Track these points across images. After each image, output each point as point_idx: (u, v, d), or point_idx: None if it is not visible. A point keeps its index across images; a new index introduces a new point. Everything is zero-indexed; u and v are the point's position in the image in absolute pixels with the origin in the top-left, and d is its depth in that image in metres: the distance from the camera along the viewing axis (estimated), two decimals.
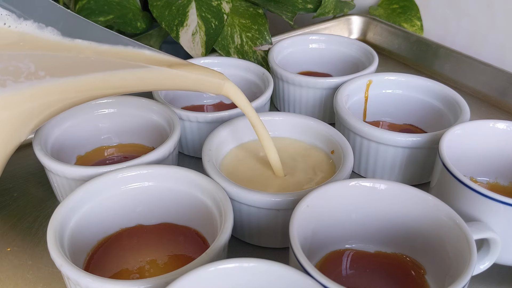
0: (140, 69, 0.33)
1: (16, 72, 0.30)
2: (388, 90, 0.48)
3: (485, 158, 0.39)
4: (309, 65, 0.56)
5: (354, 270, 0.33)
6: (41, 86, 0.31)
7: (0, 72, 0.30)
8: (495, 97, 0.54)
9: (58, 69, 0.31)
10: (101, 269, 0.33)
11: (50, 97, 0.32)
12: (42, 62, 0.31)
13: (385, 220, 0.33)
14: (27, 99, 0.31)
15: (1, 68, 0.30)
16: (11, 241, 0.38)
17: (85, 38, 0.32)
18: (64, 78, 0.31)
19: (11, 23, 0.30)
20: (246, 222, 0.36)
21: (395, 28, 0.65)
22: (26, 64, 0.30)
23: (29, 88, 0.31)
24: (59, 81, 0.31)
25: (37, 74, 0.30)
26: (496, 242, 0.32)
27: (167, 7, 0.54)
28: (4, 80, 0.30)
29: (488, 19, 0.61)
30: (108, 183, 0.34)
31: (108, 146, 0.44)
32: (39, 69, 0.30)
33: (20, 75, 0.30)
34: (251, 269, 0.26)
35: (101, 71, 0.32)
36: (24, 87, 0.31)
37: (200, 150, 0.40)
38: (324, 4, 0.61)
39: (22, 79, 0.30)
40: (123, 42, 0.33)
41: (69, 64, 0.32)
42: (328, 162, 0.39)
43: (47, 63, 0.31)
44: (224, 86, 0.35)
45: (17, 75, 0.30)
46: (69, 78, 0.32)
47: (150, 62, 0.33)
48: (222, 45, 0.54)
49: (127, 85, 0.34)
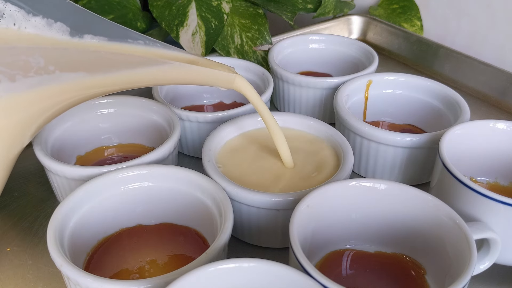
0: (154, 66, 0.32)
1: (26, 67, 0.30)
2: (388, 90, 0.48)
3: (485, 158, 0.39)
4: (309, 65, 0.56)
5: (354, 270, 0.33)
6: (54, 84, 0.31)
7: (10, 66, 0.29)
8: (495, 97, 0.54)
9: (70, 65, 0.31)
10: (101, 269, 0.33)
11: (64, 95, 0.32)
12: (53, 58, 0.30)
13: (385, 220, 0.33)
14: (42, 97, 0.31)
15: (10, 61, 0.29)
16: (11, 241, 0.38)
17: (95, 33, 0.32)
18: (76, 73, 0.31)
19: (20, 21, 0.30)
20: (246, 222, 0.36)
21: (395, 28, 0.65)
22: (36, 58, 0.30)
23: (42, 85, 0.30)
24: (72, 76, 0.31)
25: (47, 69, 0.30)
26: (496, 242, 0.32)
27: (167, 7, 0.54)
28: (14, 75, 0.30)
29: (488, 19, 0.61)
30: (108, 183, 0.34)
31: (108, 146, 0.44)
32: (49, 64, 0.30)
33: (30, 70, 0.30)
34: (251, 269, 0.26)
35: (117, 69, 0.32)
36: (35, 84, 0.30)
37: (200, 150, 0.40)
38: (324, 4, 0.61)
39: (32, 73, 0.30)
40: (133, 37, 0.33)
41: (81, 60, 0.31)
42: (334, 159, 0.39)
43: (58, 58, 0.30)
44: (235, 80, 0.35)
45: (27, 70, 0.30)
46: (81, 73, 0.31)
47: (162, 57, 0.33)
48: (222, 45, 0.54)
49: (139, 81, 0.33)
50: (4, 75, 0.29)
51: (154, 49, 0.34)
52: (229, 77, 0.35)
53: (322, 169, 0.38)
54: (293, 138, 0.41)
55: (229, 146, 0.41)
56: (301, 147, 0.40)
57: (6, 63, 0.29)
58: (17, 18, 0.30)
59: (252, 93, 0.36)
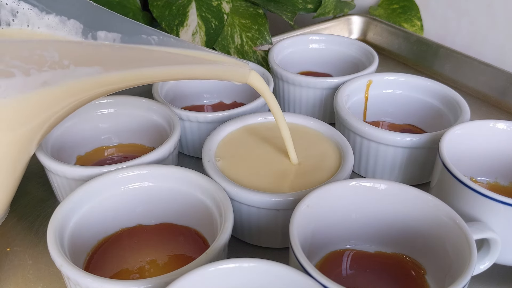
0: (171, 64, 0.33)
1: (41, 61, 0.29)
2: (388, 90, 0.48)
3: (485, 158, 0.39)
4: (309, 65, 0.56)
5: (354, 270, 0.33)
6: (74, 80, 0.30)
7: (25, 60, 0.28)
8: (495, 97, 0.54)
9: (85, 60, 0.30)
10: (101, 269, 0.33)
11: (77, 94, 0.31)
12: (67, 51, 0.29)
13: (385, 220, 0.33)
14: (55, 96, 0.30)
15: (25, 56, 0.28)
16: (11, 241, 0.38)
17: (109, 29, 0.32)
18: (91, 68, 0.30)
19: (33, 20, 0.29)
20: (246, 222, 0.36)
21: (395, 28, 0.65)
22: (50, 52, 0.29)
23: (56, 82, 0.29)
24: (87, 71, 0.30)
25: (61, 63, 0.29)
26: (496, 242, 0.32)
27: (167, 7, 0.54)
28: (28, 69, 0.29)
29: (488, 19, 0.61)
30: (108, 183, 0.34)
31: (108, 146, 0.44)
32: (64, 58, 0.29)
33: (44, 64, 0.29)
34: (251, 269, 0.26)
35: (132, 65, 0.31)
36: (49, 80, 0.29)
37: (200, 150, 0.40)
38: (324, 4, 0.61)
39: (46, 68, 0.29)
40: (147, 32, 0.33)
41: (96, 54, 0.31)
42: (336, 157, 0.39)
43: (72, 52, 0.30)
44: (250, 75, 0.37)
45: (41, 64, 0.29)
46: (96, 68, 0.31)
47: (178, 54, 0.33)
48: (222, 45, 0.54)
49: (154, 77, 0.34)
50: (19, 69, 0.28)
51: (169, 45, 0.33)
52: (244, 73, 0.36)
53: (322, 169, 0.38)
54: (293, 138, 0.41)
55: (228, 140, 0.41)
56: (301, 147, 0.40)
57: (21, 57, 0.28)
58: (30, 17, 0.29)
59: (265, 88, 0.38)
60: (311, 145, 0.41)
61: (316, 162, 0.39)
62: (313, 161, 0.39)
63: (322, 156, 0.39)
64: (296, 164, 0.39)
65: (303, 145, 0.40)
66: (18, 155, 0.33)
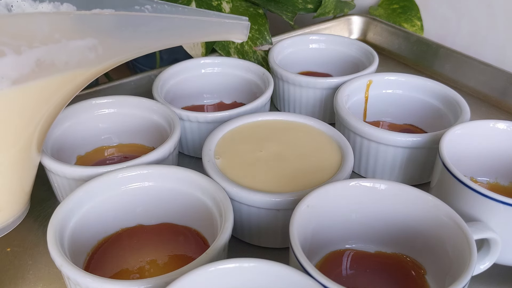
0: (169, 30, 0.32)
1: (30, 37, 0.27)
2: (388, 90, 0.48)
3: (485, 158, 0.39)
4: (309, 65, 0.56)
5: (354, 270, 0.33)
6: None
7: (14, 37, 0.27)
8: (495, 97, 0.54)
9: (77, 32, 0.29)
10: (101, 269, 0.33)
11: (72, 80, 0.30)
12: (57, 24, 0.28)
13: (385, 220, 0.33)
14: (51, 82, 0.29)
15: (13, 32, 0.27)
16: (11, 241, 0.38)
17: (102, 7, 0.31)
18: (84, 40, 0.29)
19: (28, 10, 0.29)
20: (246, 222, 0.36)
21: (395, 28, 0.65)
22: (39, 25, 0.27)
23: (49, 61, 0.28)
24: (80, 44, 0.29)
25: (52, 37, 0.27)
26: (496, 242, 0.32)
27: None
28: (19, 46, 0.27)
29: (488, 19, 0.61)
30: (108, 183, 0.34)
31: (108, 146, 0.44)
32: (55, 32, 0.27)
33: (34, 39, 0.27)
34: (251, 269, 0.26)
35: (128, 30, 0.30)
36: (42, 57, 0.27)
37: (200, 150, 0.40)
38: (324, 4, 0.61)
39: (37, 43, 0.27)
40: (140, 3, 0.32)
41: (88, 25, 0.29)
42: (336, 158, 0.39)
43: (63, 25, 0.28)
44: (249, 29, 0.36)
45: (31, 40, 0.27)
46: (90, 40, 0.29)
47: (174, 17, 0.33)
48: (222, 45, 0.54)
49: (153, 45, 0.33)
50: (9, 47, 0.27)
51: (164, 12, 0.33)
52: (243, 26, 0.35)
53: (322, 169, 0.38)
54: (293, 138, 0.41)
55: (228, 140, 0.41)
56: (301, 147, 0.40)
57: (8, 33, 0.27)
58: (25, 8, 0.29)
59: None
60: (311, 145, 0.41)
61: (316, 162, 0.39)
62: (313, 161, 0.39)
63: (322, 156, 0.39)
64: (296, 165, 0.39)
65: (303, 145, 0.40)
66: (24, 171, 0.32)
